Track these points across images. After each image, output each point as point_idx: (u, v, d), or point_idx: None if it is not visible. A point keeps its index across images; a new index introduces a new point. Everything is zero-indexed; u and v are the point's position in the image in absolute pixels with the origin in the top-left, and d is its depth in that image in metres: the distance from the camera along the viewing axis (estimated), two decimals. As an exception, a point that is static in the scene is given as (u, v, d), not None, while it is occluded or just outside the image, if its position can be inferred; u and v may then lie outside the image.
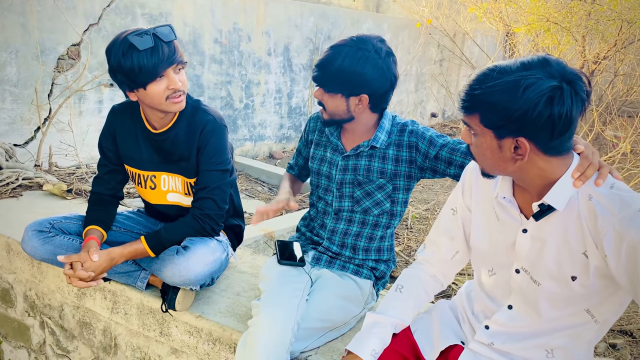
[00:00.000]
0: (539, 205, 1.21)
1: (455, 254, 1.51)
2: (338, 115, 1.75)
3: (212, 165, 1.89)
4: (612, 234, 1.11)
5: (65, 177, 3.74)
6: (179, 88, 1.76)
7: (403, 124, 1.82)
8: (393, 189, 1.81)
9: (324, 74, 1.69)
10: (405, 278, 1.54)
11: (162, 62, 1.70)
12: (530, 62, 1.12)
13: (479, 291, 1.47)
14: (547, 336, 1.30)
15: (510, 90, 1.10)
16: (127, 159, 2.00)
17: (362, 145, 1.80)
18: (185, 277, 1.77)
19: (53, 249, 1.93)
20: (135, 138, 1.95)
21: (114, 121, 1.98)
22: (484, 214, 1.40)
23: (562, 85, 1.08)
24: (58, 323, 2.38)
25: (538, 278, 1.27)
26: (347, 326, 1.81)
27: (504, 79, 1.12)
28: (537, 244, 1.26)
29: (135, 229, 2.12)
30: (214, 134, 1.87)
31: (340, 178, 1.85)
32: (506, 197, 1.31)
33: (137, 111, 1.94)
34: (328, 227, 1.90)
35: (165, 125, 1.90)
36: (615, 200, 1.13)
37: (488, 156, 1.22)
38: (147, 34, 1.69)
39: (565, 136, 1.13)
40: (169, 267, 1.78)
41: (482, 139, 1.20)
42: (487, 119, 1.15)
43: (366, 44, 1.66)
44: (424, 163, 1.77)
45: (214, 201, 1.89)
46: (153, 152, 1.95)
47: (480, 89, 1.15)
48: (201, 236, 1.91)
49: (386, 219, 1.86)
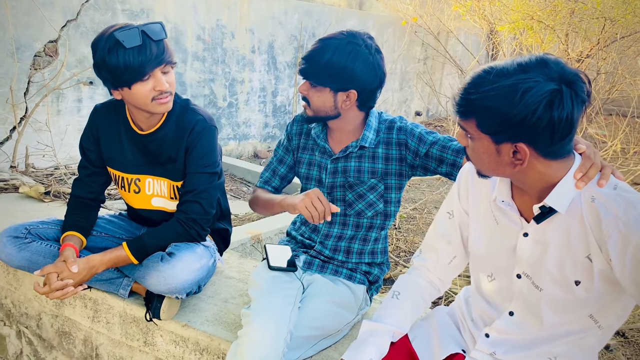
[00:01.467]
0: (540, 207, 1.17)
1: (453, 259, 1.46)
2: (324, 112, 1.67)
3: (200, 167, 1.80)
4: (616, 237, 1.07)
5: (43, 178, 3.60)
6: (165, 89, 1.66)
7: (391, 121, 1.75)
8: (385, 189, 1.75)
9: (313, 67, 1.61)
10: (402, 284, 1.48)
11: (150, 62, 1.60)
12: (528, 64, 1.06)
13: (478, 297, 1.42)
14: (550, 344, 1.26)
15: (508, 95, 1.05)
16: (110, 161, 1.90)
17: (351, 145, 1.73)
18: (170, 286, 1.69)
19: (30, 255, 1.82)
20: (119, 139, 1.86)
21: (96, 121, 1.88)
22: (482, 217, 1.35)
23: (561, 88, 1.03)
24: (36, 332, 2.27)
25: (540, 283, 1.23)
26: (341, 333, 1.75)
27: (501, 82, 1.06)
28: (538, 247, 1.21)
29: (116, 234, 2.02)
30: (203, 135, 1.79)
31: (330, 182, 1.78)
32: (505, 200, 1.26)
33: (122, 111, 1.84)
34: (322, 232, 1.83)
35: (152, 126, 1.81)
36: (620, 202, 1.09)
37: (485, 160, 1.17)
38: (135, 31, 1.59)
39: (566, 139, 1.09)
40: (153, 275, 1.69)
41: (479, 143, 1.15)
42: (484, 124, 1.10)
43: (356, 39, 1.60)
44: (414, 161, 1.71)
45: (200, 205, 1.80)
46: (138, 154, 1.86)
47: (477, 93, 1.09)
48: (187, 241, 1.83)
49: (380, 220, 1.80)
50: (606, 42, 6.63)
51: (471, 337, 1.40)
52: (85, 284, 1.76)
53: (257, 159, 5.83)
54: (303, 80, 1.67)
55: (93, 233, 1.96)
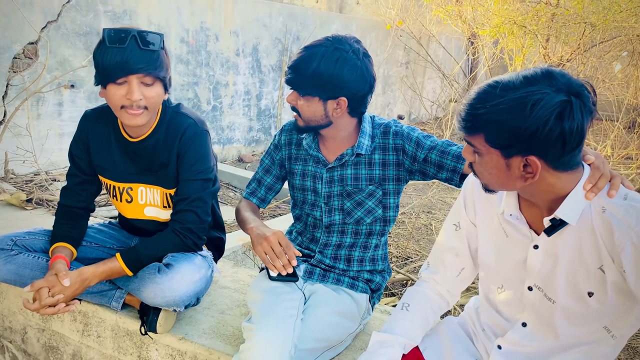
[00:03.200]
0: (551, 220, 1.16)
1: (461, 271, 1.45)
2: (315, 121, 1.63)
3: (193, 174, 1.73)
4: (630, 248, 1.07)
5: (24, 185, 3.48)
6: (135, 100, 1.56)
7: (386, 125, 1.71)
8: (383, 194, 1.71)
9: (299, 77, 1.56)
10: (411, 296, 1.46)
11: (125, 66, 1.52)
12: (534, 76, 1.06)
13: (488, 308, 1.40)
14: (563, 354, 1.25)
15: (518, 108, 1.04)
16: (101, 170, 1.82)
17: (346, 153, 1.69)
18: (169, 298, 1.62)
19: (16, 268, 1.74)
20: (109, 147, 1.78)
21: (86, 127, 1.80)
22: (491, 229, 1.33)
23: (570, 99, 1.03)
24: (20, 347, 2.17)
25: (552, 295, 1.22)
26: (344, 344, 1.70)
27: (509, 95, 1.05)
28: (550, 260, 1.20)
29: (107, 244, 1.94)
30: (194, 140, 1.72)
31: (327, 191, 1.73)
32: (513, 214, 1.25)
33: (112, 117, 1.76)
34: (320, 241, 1.78)
35: (142, 134, 1.74)
36: (632, 212, 1.08)
37: (494, 175, 1.15)
38: (124, 32, 1.54)
39: (576, 150, 1.08)
40: (150, 288, 1.62)
41: (488, 158, 1.13)
42: (494, 138, 1.09)
43: (343, 45, 1.55)
44: (412, 166, 1.68)
45: (195, 214, 1.74)
46: (130, 162, 1.79)
47: (484, 108, 1.08)
48: (183, 252, 1.76)
49: (380, 226, 1.76)
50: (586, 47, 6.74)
51: (484, 348, 1.38)
52: (77, 299, 1.69)
53: (241, 163, 5.76)
54: (290, 90, 1.62)
55: (83, 243, 1.88)
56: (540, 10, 6.11)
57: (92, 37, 4.21)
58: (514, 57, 7.50)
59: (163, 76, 1.61)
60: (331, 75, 1.53)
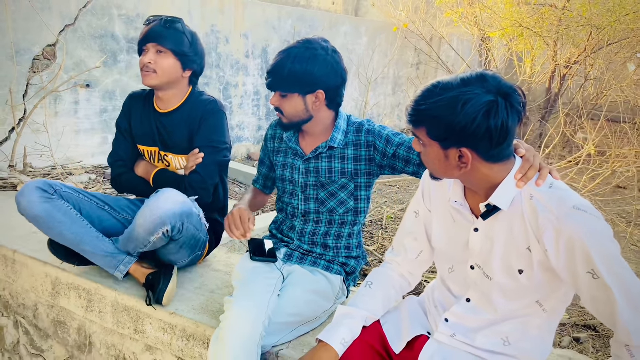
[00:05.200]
0: (486, 205, 1.31)
1: (420, 254, 1.59)
2: (298, 117, 1.81)
3: (206, 141, 2.05)
4: (551, 231, 1.21)
5: (40, 178, 3.72)
6: (145, 63, 2.00)
7: (359, 124, 1.88)
8: (355, 187, 1.88)
9: (278, 78, 1.76)
10: (375, 275, 1.62)
11: (144, 37, 2.01)
12: (470, 78, 1.22)
13: (441, 286, 1.55)
14: (500, 325, 1.39)
15: (452, 106, 1.20)
16: (140, 139, 2.17)
17: (321, 147, 1.86)
18: (156, 216, 1.82)
19: (50, 209, 1.93)
20: (145, 118, 2.15)
21: (129, 104, 2.22)
22: (442, 215, 1.49)
23: (497, 100, 1.19)
24: (32, 322, 2.38)
25: (490, 273, 1.36)
26: (319, 321, 1.86)
27: (446, 95, 1.21)
28: (487, 241, 1.35)
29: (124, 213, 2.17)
30: (213, 114, 2.06)
31: (303, 181, 1.91)
32: (457, 200, 1.40)
33: (150, 95, 2.16)
34: (297, 229, 1.95)
35: (170, 107, 2.11)
36: (554, 199, 1.23)
37: (436, 164, 1.31)
38: (155, 17, 2.03)
39: (504, 145, 1.23)
40: (141, 212, 1.86)
41: (430, 149, 1.29)
42: (433, 131, 1.25)
43: (313, 44, 1.75)
44: (382, 161, 1.84)
45: (199, 174, 2.03)
46: (160, 132, 2.12)
47: (425, 105, 1.24)
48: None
49: (352, 217, 1.92)
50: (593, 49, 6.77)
51: (434, 322, 1.53)
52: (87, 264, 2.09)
53: (250, 161, 5.95)
54: (272, 93, 1.82)
55: (106, 209, 2.12)
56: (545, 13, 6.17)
57: (107, 39, 4.44)
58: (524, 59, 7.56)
59: (175, 49, 2.00)
60: (305, 71, 1.72)
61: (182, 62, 2.03)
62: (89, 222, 2.01)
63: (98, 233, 2.01)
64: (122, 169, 2.19)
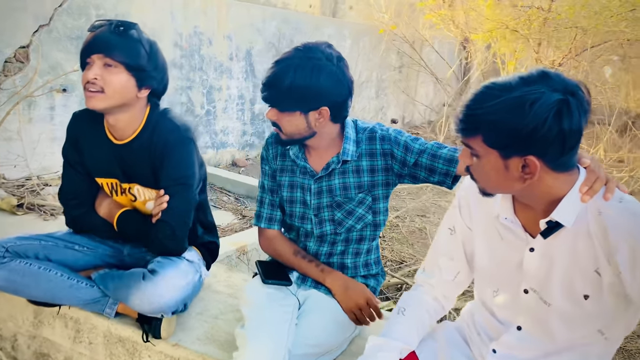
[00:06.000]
0: (547, 222, 1.16)
1: (457, 275, 1.44)
2: (298, 134, 1.59)
3: (171, 181, 1.69)
4: (625, 250, 1.07)
5: (15, 190, 3.45)
6: (89, 79, 1.57)
7: (371, 130, 1.68)
8: (373, 200, 1.69)
9: (276, 93, 1.51)
10: (407, 300, 1.46)
11: (87, 46, 1.59)
12: (530, 77, 1.07)
13: (483, 311, 1.40)
14: (557, 356, 1.25)
15: (516, 107, 1.04)
16: (96, 171, 1.82)
17: (332, 162, 1.66)
18: (155, 305, 1.60)
19: (7, 274, 1.71)
20: (100, 147, 1.78)
21: (75, 129, 1.81)
22: (486, 233, 1.33)
23: (567, 98, 1.04)
24: (10, 355, 2.14)
25: (548, 298, 1.22)
26: (339, 349, 1.69)
27: (507, 95, 1.06)
28: (545, 262, 1.20)
29: (100, 249, 1.92)
30: (176, 147, 1.69)
31: (316, 203, 1.70)
32: (508, 217, 1.25)
33: (100, 116, 1.75)
34: (311, 251, 1.77)
35: (127, 136, 1.73)
36: (626, 214, 1.09)
37: (492, 177, 1.15)
38: (102, 21, 1.64)
39: (574, 150, 1.09)
40: (136, 294, 1.61)
41: (486, 160, 1.13)
42: (492, 138, 1.09)
43: (315, 52, 1.50)
44: (401, 170, 1.66)
45: (169, 225, 1.68)
46: (120, 163, 1.78)
47: (481, 109, 1.08)
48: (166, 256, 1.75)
49: (370, 231, 1.75)
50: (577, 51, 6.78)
51: (479, 352, 1.38)
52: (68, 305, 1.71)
53: (235, 168, 5.74)
54: (269, 106, 1.58)
55: (75, 247, 1.86)
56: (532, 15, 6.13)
57: (85, 41, 4.19)
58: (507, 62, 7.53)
59: (127, 62, 1.59)
60: (308, 86, 1.48)
61: (137, 78, 1.62)
62: (61, 269, 1.76)
63: (72, 280, 1.76)
64: (79, 210, 1.83)
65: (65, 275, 1.76)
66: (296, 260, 1.75)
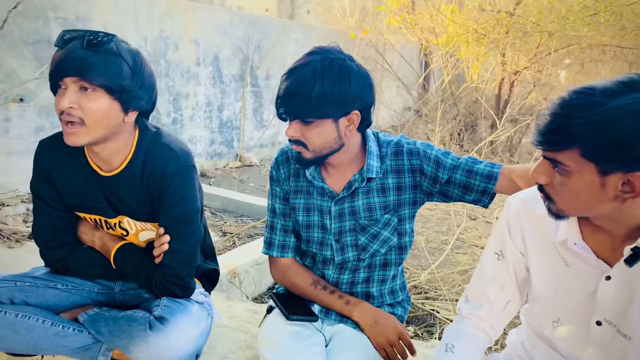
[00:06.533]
0: (632, 248, 1.02)
1: (507, 305, 1.30)
2: (328, 148, 1.41)
3: (173, 220, 1.48)
4: None
5: (-32, 212, 3.10)
6: (62, 108, 1.31)
7: (396, 144, 1.52)
8: (398, 221, 1.53)
9: (302, 103, 1.34)
10: (454, 335, 1.31)
11: (57, 69, 1.32)
12: (633, 82, 0.94)
13: (540, 343, 1.28)
14: None
15: (628, 117, 0.90)
16: (78, 207, 1.55)
17: (355, 180, 1.49)
18: (164, 359, 1.38)
19: None
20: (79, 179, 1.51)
21: (45, 160, 1.52)
22: (546, 259, 1.20)
23: None
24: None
25: (627, 331, 1.09)
26: (370, 388, 1.51)
27: (614, 102, 0.92)
28: (624, 292, 1.08)
29: (87, 286, 1.66)
30: (175, 179, 1.45)
31: (337, 227, 1.53)
32: (577, 242, 1.11)
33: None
34: (330, 280, 1.59)
35: (115, 167, 1.48)
36: None
37: (582, 196, 1.00)
38: (72, 33, 1.35)
39: None
40: (141, 346, 1.37)
41: (579, 177, 0.98)
42: (594, 152, 0.94)
43: (335, 54, 1.37)
44: (432, 187, 1.50)
45: (173, 270, 1.48)
46: (104, 196, 1.52)
47: (582, 118, 0.94)
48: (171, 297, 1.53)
49: (395, 255, 1.58)
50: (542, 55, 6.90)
51: (543, 392, 1.24)
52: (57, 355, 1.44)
53: (205, 179, 5.47)
54: (287, 122, 1.40)
55: (59, 287, 1.60)
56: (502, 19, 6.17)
57: (43, 45, 3.85)
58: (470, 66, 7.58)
59: (108, 85, 1.33)
60: (340, 89, 1.33)
61: (121, 101, 1.37)
62: (43, 314, 1.50)
63: (56, 327, 1.50)
64: (62, 251, 1.57)
65: (48, 322, 1.50)
66: (316, 292, 1.56)
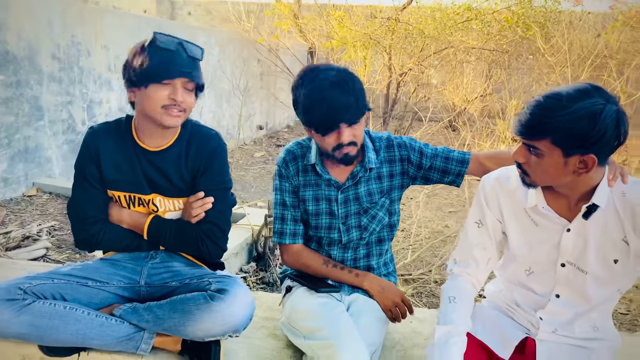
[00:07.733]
0: (587, 206, 1.43)
1: (488, 262, 1.67)
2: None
3: (216, 184, 1.78)
4: None
5: None
6: (179, 101, 1.64)
7: (387, 139, 1.88)
8: (390, 203, 1.87)
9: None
10: (453, 289, 1.64)
11: (173, 68, 1.62)
12: (587, 89, 1.32)
13: (519, 288, 1.64)
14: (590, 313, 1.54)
15: (588, 117, 1.29)
16: (116, 184, 1.76)
17: (357, 170, 1.81)
18: (229, 325, 1.58)
19: (32, 319, 1.55)
20: (125, 159, 1.75)
21: (95, 142, 1.75)
22: (519, 222, 1.58)
23: (619, 108, 1.33)
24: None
25: (584, 267, 1.49)
26: (381, 345, 1.82)
27: (576, 106, 1.30)
28: (580, 239, 1.48)
29: (114, 281, 1.78)
30: (218, 152, 1.79)
31: (344, 212, 1.84)
32: (545, 206, 1.50)
33: (125, 129, 1.78)
34: (336, 258, 1.89)
35: (164, 144, 1.76)
36: None
37: (551, 172, 1.39)
38: (174, 39, 1.65)
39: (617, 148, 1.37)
40: (205, 318, 1.57)
41: (549, 159, 1.37)
42: (561, 141, 1.33)
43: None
44: (416, 173, 1.87)
45: (219, 227, 1.77)
46: (146, 173, 1.76)
47: (552, 117, 1.32)
48: (197, 255, 1.83)
49: (387, 232, 1.91)
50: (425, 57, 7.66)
51: (525, 319, 1.62)
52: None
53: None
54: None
55: (89, 284, 1.72)
56: (392, 25, 6.78)
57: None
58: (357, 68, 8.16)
59: (200, 85, 1.71)
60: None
61: (196, 95, 1.75)
62: (86, 307, 1.66)
63: (101, 318, 1.66)
64: (97, 226, 1.76)
65: (92, 314, 1.64)
66: (328, 269, 1.85)
